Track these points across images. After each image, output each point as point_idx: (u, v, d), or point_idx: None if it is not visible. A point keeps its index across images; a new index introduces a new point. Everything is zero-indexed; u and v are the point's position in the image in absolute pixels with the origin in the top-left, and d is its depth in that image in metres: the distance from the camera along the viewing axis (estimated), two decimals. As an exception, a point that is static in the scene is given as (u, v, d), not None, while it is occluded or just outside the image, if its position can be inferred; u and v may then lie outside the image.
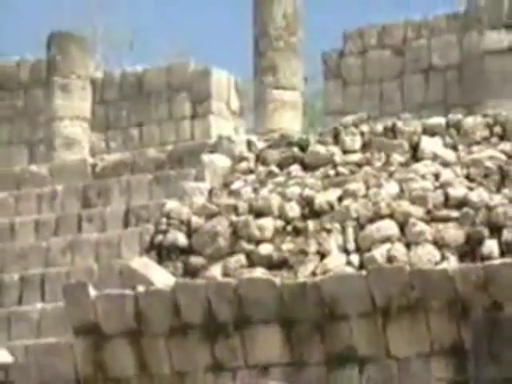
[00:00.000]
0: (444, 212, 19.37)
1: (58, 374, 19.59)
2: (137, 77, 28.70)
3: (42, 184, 23.86)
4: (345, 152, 21.57)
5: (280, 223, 20.23)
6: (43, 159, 26.19)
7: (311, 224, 20.01)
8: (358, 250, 19.37)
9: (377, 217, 19.67)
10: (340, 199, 20.27)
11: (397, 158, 21.05)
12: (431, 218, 19.35)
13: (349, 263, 19.23)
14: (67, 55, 26.19)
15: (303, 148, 21.90)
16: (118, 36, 35.72)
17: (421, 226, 19.24)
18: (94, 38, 28.37)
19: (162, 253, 20.53)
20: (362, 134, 21.86)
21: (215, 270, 19.84)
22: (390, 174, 20.66)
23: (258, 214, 20.49)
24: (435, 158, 20.78)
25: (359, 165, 21.16)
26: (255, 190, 21.13)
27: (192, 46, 42.76)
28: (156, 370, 19.28)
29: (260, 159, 22.10)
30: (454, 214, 19.24)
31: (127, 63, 30.61)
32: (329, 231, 19.78)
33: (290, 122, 24.56)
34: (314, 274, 19.04)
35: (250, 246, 20.02)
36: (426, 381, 18.02)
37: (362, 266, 19.02)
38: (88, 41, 27.31)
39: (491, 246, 18.52)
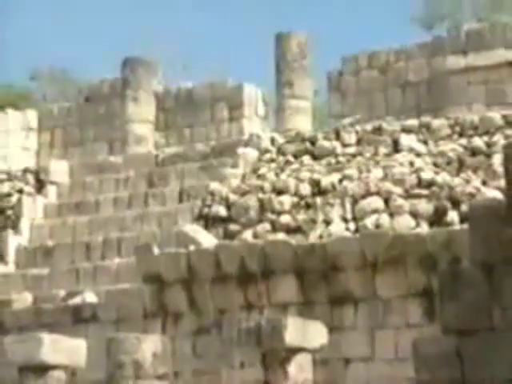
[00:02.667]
0: (417, 191, 19.28)
1: (131, 311, 19.59)
2: (188, 90, 28.63)
3: (118, 170, 23.82)
4: (343, 146, 21.50)
5: (295, 199, 20.18)
6: (119, 152, 26.13)
7: (318, 200, 19.95)
8: (354, 219, 19.31)
9: (367, 194, 19.61)
10: (340, 181, 20.21)
11: (382, 150, 20.97)
12: (408, 195, 19.28)
13: (347, 229, 19.17)
14: (136, 74, 26.14)
15: (313, 143, 21.82)
16: (174, 59, 35.51)
17: (400, 201, 19.17)
18: (156, 60, 28.12)
19: (208, 221, 20.49)
20: (357, 132, 21.78)
21: (247, 234, 19.81)
22: (377, 162, 20.59)
23: (279, 192, 20.43)
24: (410, 150, 20.69)
25: (354, 155, 21.08)
26: (276, 175, 21.08)
27: (227, 65, 42.42)
28: (202, 307, 19.25)
29: (280, 151, 22.02)
30: (425, 192, 19.17)
31: (181, 80, 30.44)
32: (332, 205, 19.73)
33: (302, 123, 24.43)
34: (320, 237, 19.00)
35: (272, 216, 19.97)
36: (404, 315, 18.00)
37: (356, 231, 18.98)
38: (151, 63, 27.17)
39: (453, 216, 18.45)
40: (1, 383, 19.10)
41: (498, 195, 17.09)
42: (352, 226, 19.21)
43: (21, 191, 23.48)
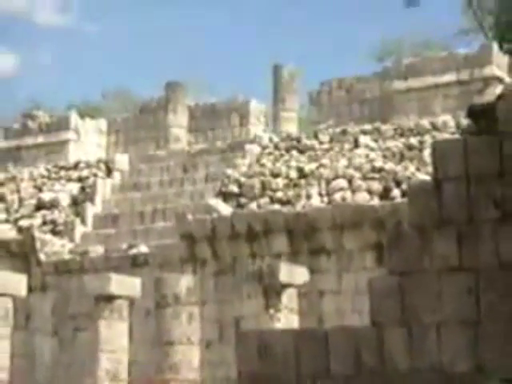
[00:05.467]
0: (371, 175, 19.24)
1: (171, 258, 19.55)
2: (211, 104, 28.51)
3: (162, 161, 23.75)
4: (320, 143, 21.45)
5: (286, 181, 20.13)
6: (163, 148, 26.06)
7: (302, 181, 19.92)
8: (327, 194, 19.28)
9: (336, 177, 19.57)
10: (317, 168, 20.17)
11: (346, 146, 20.91)
12: (364, 178, 19.22)
13: (322, 202, 19.14)
14: (175, 93, 26.08)
15: (298, 141, 21.77)
16: (201, 81, 35.35)
17: (359, 182, 19.12)
18: (188, 82, 28.04)
19: (225, 196, 20.46)
20: (329, 133, 21.74)
21: (253, 206, 19.78)
22: (343, 155, 20.54)
23: (275, 176, 20.40)
24: (366, 146, 20.64)
25: (327, 150, 21.03)
26: (273, 164, 21.04)
27: (239, 86, 42.36)
28: (221, 256, 19.24)
29: (276, 147, 21.96)
30: (376, 175, 19.12)
31: (206, 96, 30.39)
32: (311, 185, 19.69)
33: (291, 128, 24.39)
34: (304, 207, 18.98)
35: (270, 193, 19.95)
36: (362, 261, 17.96)
37: (329, 203, 18.96)
38: (185, 85, 27.08)
39: (396, 192, 18.41)
40: (82, 308, 19.14)
41: (427, 178, 17.09)
42: (326, 199, 19.19)
43: (95, 175, 23.48)
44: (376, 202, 18.31)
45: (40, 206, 22.73)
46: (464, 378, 8.14)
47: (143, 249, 20.27)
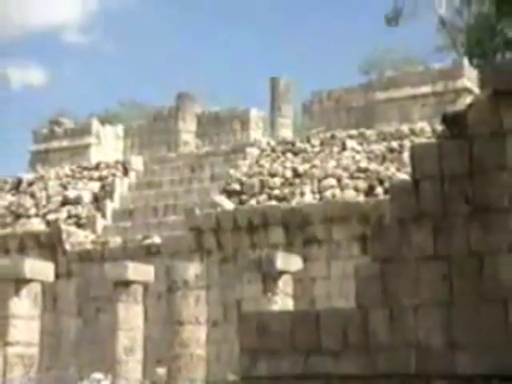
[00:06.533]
0: (357, 174, 19.22)
1: (181, 248, 19.49)
2: (215, 112, 28.49)
3: (172, 162, 23.72)
4: (312, 146, 21.44)
5: (282, 180, 20.12)
6: (173, 151, 26.06)
7: (297, 180, 19.90)
8: (319, 192, 19.28)
9: (326, 176, 19.57)
10: (310, 168, 20.17)
11: (335, 149, 20.90)
12: (351, 177, 19.21)
13: (314, 198, 19.14)
14: (184, 103, 26.09)
15: (293, 144, 21.76)
16: (207, 90, 35.30)
17: (347, 181, 19.10)
18: (196, 92, 28.02)
19: (229, 194, 20.46)
20: (320, 138, 21.72)
21: (253, 202, 19.77)
22: (332, 157, 20.53)
23: (272, 175, 20.38)
24: (353, 149, 20.63)
25: (318, 152, 21.02)
26: (271, 165, 21.02)
27: (240, 96, 42.33)
28: (225, 246, 19.22)
29: (273, 150, 21.95)
30: (362, 175, 19.09)
31: (211, 105, 30.34)
32: (305, 183, 19.68)
33: (286, 133, 24.39)
34: (298, 203, 18.98)
35: (268, 191, 19.92)
36: (349, 250, 17.96)
37: (320, 199, 18.96)
38: (193, 95, 27.06)
39: (379, 190, 18.39)
40: (102, 292, 19.12)
41: (406, 177, 17.10)
42: (317, 196, 19.17)
43: (114, 175, 23.47)
44: (361, 198, 18.31)
45: (65, 202, 22.74)
46: (437, 351, 8.18)
47: (156, 240, 20.27)
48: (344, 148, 20.81)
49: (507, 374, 7.86)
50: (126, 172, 23.67)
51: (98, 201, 22.61)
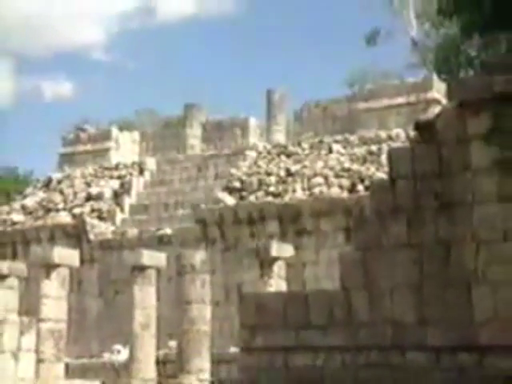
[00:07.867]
0: (342, 173, 19.21)
1: (189, 238, 19.42)
2: (218, 120, 28.36)
3: (181, 163, 23.67)
4: (302, 149, 21.43)
5: (277, 178, 20.11)
6: (182, 153, 25.98)
7: (289, 179, 19.89)
8: (309, 189, 19.26)
9: (315, 175, 19.55)
10: (301, 168, 20.16)
11: (323, 152, 20.88)
12: (336, 176, 19.20)
13: (304, 195, 19.13)
14: (191, 112, 25.99)
15: (286, 148, 21.76)
16: (211, 101, 35.08)
17: (332, 179, 19.09)
18: (201, 103, 27.83)
19: (230, 190, 20.46)
20: (309, 142, 21.71)
21: (252, 198, 19.76)
22: (320, 158, 20.52)
23: (269, 174, 20.37)
24: (338, 152, 20.62)
25: (308, 154, 21.01)
26: (267, 165, 21.01)
27: (240, 105, 42.19)
28: (227, 237, 19.21)
29: (269, 153, 21.95)
30: (346, 174, 19.08)
31: (214, 114, 30.17)
32: (296, 182, 19.67)
33: (280, 138, 24.33)
34: (291, 199, 18.98)
35: (265, 188, 19.91)
36: (334, 240, 17.90)
37: (310, 195, 18.95)
38: (199, 105, 26.85)
39: (361, 188, 18.29)
40: (121, 276, 19.12)
41: (384, 176, 17.11)
42: (307, 193, 19.17)
43: (131, 174, 23.47)
44: (345, 194, 18.32)
45: (89, 198, 22.74)
46: (410, 326, 8.22)
47: (167, 231, 20.28)
48: (330, 151, 20.82)
49: (469, 345, 7.94)
50: (141, 172, 23.67)
51: (117, 197, 22.61)
